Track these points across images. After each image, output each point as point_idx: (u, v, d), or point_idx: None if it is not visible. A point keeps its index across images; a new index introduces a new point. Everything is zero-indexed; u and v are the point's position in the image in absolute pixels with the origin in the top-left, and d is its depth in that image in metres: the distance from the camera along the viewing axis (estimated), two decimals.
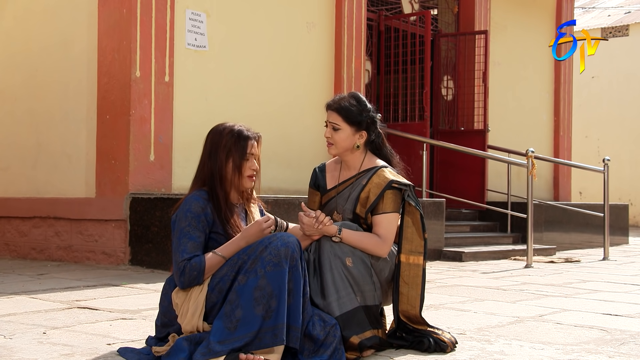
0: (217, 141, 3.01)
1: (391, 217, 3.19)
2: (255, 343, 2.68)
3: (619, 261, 8.28)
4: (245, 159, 2.98)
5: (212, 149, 3.01)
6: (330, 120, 3.28)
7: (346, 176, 3.32)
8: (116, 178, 6.39)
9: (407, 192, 3.21)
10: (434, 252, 7.76)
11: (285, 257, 2.74)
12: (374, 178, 3.23)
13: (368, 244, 3.12)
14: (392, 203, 3.19)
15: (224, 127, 3.05)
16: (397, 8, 9.75)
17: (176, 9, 6.67)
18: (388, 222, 3.18)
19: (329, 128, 3.29)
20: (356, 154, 3.31)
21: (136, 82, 6.35)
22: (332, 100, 3.33)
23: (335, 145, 3.28)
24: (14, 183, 7.33)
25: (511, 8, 11.33)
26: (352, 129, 3.26)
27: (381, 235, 3.16)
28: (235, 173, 2.97)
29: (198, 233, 2.87)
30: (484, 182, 9.82)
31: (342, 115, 3.25)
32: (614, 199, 13.24)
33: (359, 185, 3.24)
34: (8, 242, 7.26)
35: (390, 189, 3.19)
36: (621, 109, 17.29)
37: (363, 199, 3.22)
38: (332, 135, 3.27)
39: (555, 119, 12.21)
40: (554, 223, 9.84)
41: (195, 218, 2.89)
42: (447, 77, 10.46)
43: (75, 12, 6.85)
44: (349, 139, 3.26)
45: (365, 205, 3.21)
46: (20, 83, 7.36)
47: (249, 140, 3.00)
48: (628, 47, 17.26)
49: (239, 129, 3.02)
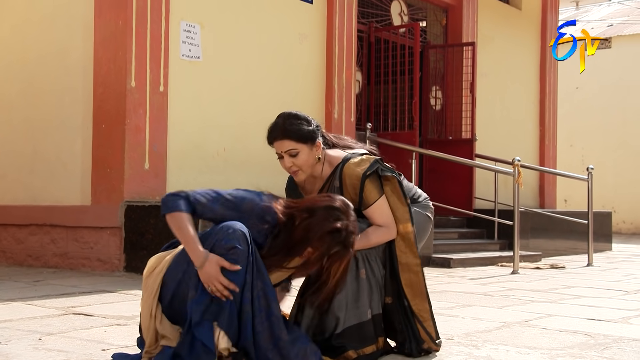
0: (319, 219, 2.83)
1: (380, 204, 3.11)
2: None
3: (603, 267, 8.31)
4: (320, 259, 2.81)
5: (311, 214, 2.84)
6: (285, 149, 3.07)
7: (319, 185, 3.21)
8: (111, 186, 6.37)
9: (379, 168, 3.13)
10: (423, 259, 7.70)
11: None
12: (345, 179, 3.12)
13: (378, 238, 3.09)
14: (372, 191, 3.10)
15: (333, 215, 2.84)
16: (387, 20, 9.77)
17: (171, 20, 6.67)
18: (380, 210, 3.10)
19: (286, 158, 3.08)
20: (318, 164, 3.16)
21: (131, 92, 6.34)
22: (274, 131, 3.11)
23: (302, 169, 3.11)
24: (11, 190, 7.30)
25: (498, 21, 11.37)
26: (308, 145, 3.08)
27: (382, 224, 3.10)
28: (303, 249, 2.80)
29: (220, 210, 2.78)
30: (471, 190, 9.84)
31: (294, 138, 3.05)
32: (598, 206, 13.28)
33: (335, 189, 3.15)
34: (4, 249, 7.22)
35: (364, 180, 3.09)
36: (604, 119, 17.37)
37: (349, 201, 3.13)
38: (294, 162, 3.08)
39: (541, 129, 12.25)
40: (540, 230, 9.86)
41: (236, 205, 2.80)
42: (436, 88, 10.48)
43: (71, 23, 6.84)
44: (310, 157, 3.09)
45: (354, 204, 3.10)
46: (17, 92, 7.33)
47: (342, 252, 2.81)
48: (611, 58, 17.35)
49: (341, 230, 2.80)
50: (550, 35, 12.39)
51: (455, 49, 10.35)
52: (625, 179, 17.01)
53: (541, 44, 12.32)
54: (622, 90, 17.21)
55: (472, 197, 9.81)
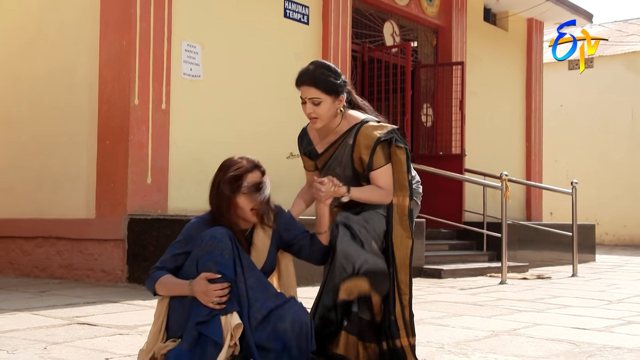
0: (215, 178, 2.93)
1: (385, 169, 3.11)
2: None
3: (587, 277, 8.30)
4: (242, 192, 2.85)
5: (212, 183, 2.93)
6: (310, 96, 3.05)
7: (332, 139, 3.19)
8: (115, 200, 6.36)
9: (394, 137, 3.12)
10: (415, 270, 7.72)
11: None
12: (359, 138, 3.11)
13: (374, 195, 3.09)
14: (382, 157, 3.10)
15: (221, 165, 2.95)
16: (380, 40, 9.81)
17: (173, 41, 6.69)
18: (384, 175, 3.10)
19: (308, 104, 3.06)
20: (337, 117, 3.14)
21: (135, 110, 6.35)
22: (303, 76, 3.08)
23: (321, 118, 3.09)
24: (19, 204, 7.27)
25: (485, 42, 11.42)
26: (332, 97, 3.06)
27: (382, 187, 3.10)
28: (229, 208, 2.86)
29: (180, 251, 2.87)
30: (461, 203, 9.84)
31: (321, 88, 3.04)
32: (582, 219, 13.28)
33: (347, 146, 3.14)
34: (12, 260, 7.19)
35: (378, 144, 3.09)
36: (588, 135, 17.43)
37: (356, 159, 3.14)
38: (315, 110, 3.06)
39: (527, 144, 12.28)
40: (527, 242, 9.87)
41: (187, 239, 2.89)
42: (427, 105, 10.50)
43: (78, 43, 6.85)
44: (331, 109, 3.08)
45: (361, 165, 3.13)
46: (25, 109, 7.33)
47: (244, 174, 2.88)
48: (593, 77, 17.43)
49: (229, 165, 2.92)
50: (536, 55, 12.46)
51: (445, 68, 10.38)
52: (607, 193, 17.04)
53: (527, 64, 12.38)
54: (604, 108, 17.28)
55: (462, 210, 9.81)
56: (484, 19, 11.51)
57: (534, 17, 12.16)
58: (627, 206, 16.89)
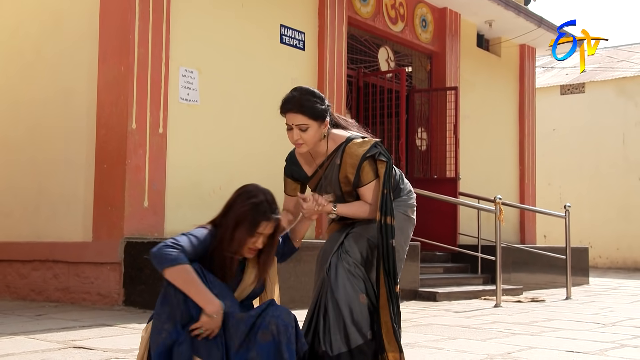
0: (237, 205, 2.84)
1: (372, 185, 3.13)
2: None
3: (581, 300, 8.27)
4: (251, 235, 2.81)
5: (230, 208, 2.86)
6: (296, 122, 3.08)
7: (320, 161, 3.22)
8: (112, 223, 6.33)
9: (378, 151, 3.14)
10: (410, 293, 7.71)
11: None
12: (346, 158, 3.14)
13: (361, 211, 3.13)
14: (369, 172, 3.13)
15: (250, 194, 2.86)
16: (375, 66, 9.85)
17: (170, 66, 6.70)
18: (371, 190, 3.13)
19: (295, 130, 3.09)
20: (322, 141, 3.16)
21: (132, 134, 6.34)
22: (289, 103, 3.12)
23: (307, 144, 3.11)
24: (16, 228, 7.23)
25: (479, 67, 11.48)
26: (318, 122, 3.09)
27: (370, 202, 3.13)
28: (239, 242, 2.79)
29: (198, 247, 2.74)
30: (456, 226, 9.82)
31: (307, 114, 3.07)
32: (575, 242, 13.27)
33: (335, 166, 3.17)
34: (9, 284, 7.14)
35: (364, 161, 3.12)
36: (580, 159, 17.47)
37: (343, 178, 3.16)
38: (302, 136, 3.08)
39: (521, 168, 12.30)
40: (521, 264, 9.84)
41: (203, 242, 2.77)
42: (421, 129, 10.53)
43: (76, 68, 6.86)
44: (317, 134, 3.11)
45: (348, 183, 3.16)
46: (24, 133, 7.32)
47: (263, 221, 2.81)
48: (584, 102, 17.52)
49: (259, 204, 2.82)
50: (528, 80, 12.52)
51: (439, 93, 10.42)
52: (600, 216, 17.05)
53: (520, 89, 12.43)
54: (595, 132, 17.34)
55: (457, 233, 9.79)
56: (477, 45, 11.58)
57: (526, 43, 12.24)
58: (620, 229, 16.89)
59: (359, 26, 9.39)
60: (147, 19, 6.48)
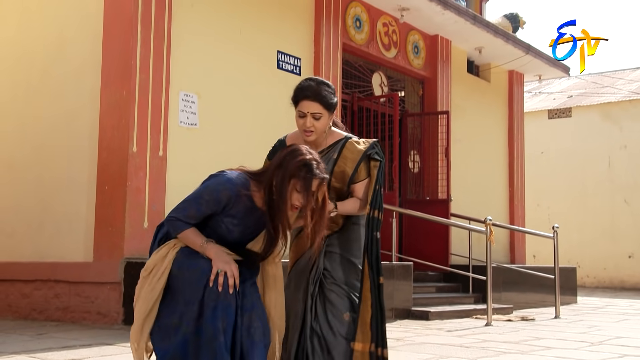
0: (287, 161, 2.82)
1: (365, 183, 3.20)
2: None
3: (569, 319, 8.25)
4: (301, 192, 2.80)
5: (278, 165, 2.84)
6: (312, 110, 3.10)
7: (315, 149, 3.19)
8: (112, 243, 6.30)
9: (375, 150, 3.21)
10: (403, 312, 7.69)
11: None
12: (345, 152, 3.19)
13: (355, 207, 3.18)
14: (365, 170, 3.19)
15: (300, 152, 2.85)
16: (369, 91, 9.89)
17: (171, 91, 6.72)
18: (364, 188, 3.19)
19: (309, 118, 3.11)
20: (325, 132, 3.21)
21: (133, 156, 6.34)
22: (307, 90, 3.14)
23: (316, 132, 3.14)
24: (19, 248, 7.20)
25: (469, 92, 11.54)
26: (330, 113, 3.15)
27: (361, 198, 3.18)
28: (287, 197, 2.79)
29: (206, 211, 2.83)
30: (447, 246, 9.82)
31: (323, 104, 3.11)
32: (564, 261, 13.28)
33: (331, 159, 3.18)
34: (11, 303, 7.09)
35: (364, 159, 3.18)
36: (567, 181, 17.52)
37: (338, 172, 3.18)
38: (314, 124, 3.12)
39: (510, 190, 12.32)
40: (511, 284, 9.83)
41: (215, 201, 2.83)
42: (414, 152, 10.56)
43: (80, 93, 6.87)
44: (326, 124, 3.17)
45: (341, 178, 3.18)
46: (28, 155, 7.31)
47: (314, 179, 2.80)
48: (571, 126, 17.61)
49: (310, 162, 2.81)
50: (517, 105, 12.59)
51: (431, 117, 10.46)
52: (587, 236, 17.06)
53: (509, 113, 12.50)
54: (582, 155, 17.41)
55: (449, 254, 9.78)
56: (468, 71, 11.66)
57: (515, 69, 12.32)
58: (606, 249, 16.90)
59: (354, 52, 9.45)
60: (148, 45, 6.51)
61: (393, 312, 7.60)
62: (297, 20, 8.33)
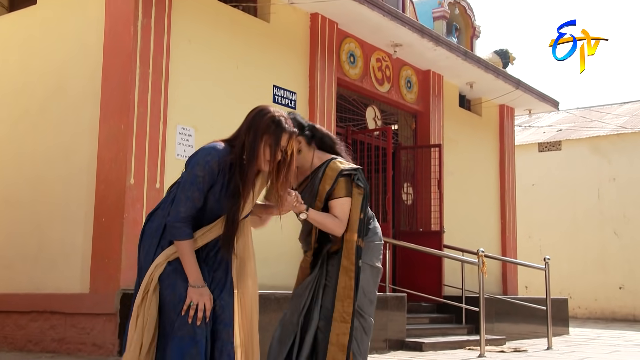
0: (257, 120, 2.93)
1: (344, 201, 3.27)
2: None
3: (562, 350, 8.15)
4: (271, 147, 2.89)
5: (248, 125, 2.94)
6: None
7: (304, 176, 3.41)
8: (108, 275, 6.22)
9: (357, 176, 3.32)
10: (396, 343, 7.58)
11: None
12: (327, 171, 3.33)
13: (328, 222, 3.25)
14: (343, 189, 3.29)
15: (267, 110, 2.96)
16: (363, 124, 9.90)
17: (168, 124, 6.70)
18: (341, 205, 3.27)
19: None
20: (307, 158, 3.41)
21: (130, 189, 6.29)
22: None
23: (301, 168, 3.38)
24: (15, 280, 7.09)
25: (461, 126, 11.56)
26: (308, 145, 3.40)
27: (337, 216, 3.25)
28: (259, 154, 2.87)
29: (207, 187, 2.83)
30: (441, 278, 9.74)
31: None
32: (555, 292, 13.17)
33: (317, 179, 3.33)
34: (7, 335, 6.96)
35: (341, 176, 3.29)
36: (558, 213, 17.48)
37: (321, 191, 3.30)
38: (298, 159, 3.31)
39: (502, 222, 12.28)
40: (504, 315, 9.73)
41: (210, 173, 2.83)
42: (407, 184, 10.53)
43: (79, 126, 6.84)
44: (308, 153, 3.40)
45: (322, 198, 3.29)
46: (26, 188, 7.24)
47: (283, 133, 2.90)
48: (561, 160, 17.63)
49: (279, 118, 2.93)
50: (508, 138, 12.61)
51: (424, 150, 10.46)
52: (578, 267, 16.98)
53: (500, 146, 12.51)
54: (572, 188, 17.41)
55: (442, 285, 9.70)
56: (459, 105, 11.69)
57: (505, 103, 12.37)
58: (597, 280, 16.81)
59: (348, 87, 9.47)
60: (147, 80, 6.50)
61: (387, 343, 7.50)
62: (293, 55, 8.36)
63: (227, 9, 7.58)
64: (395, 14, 8.92)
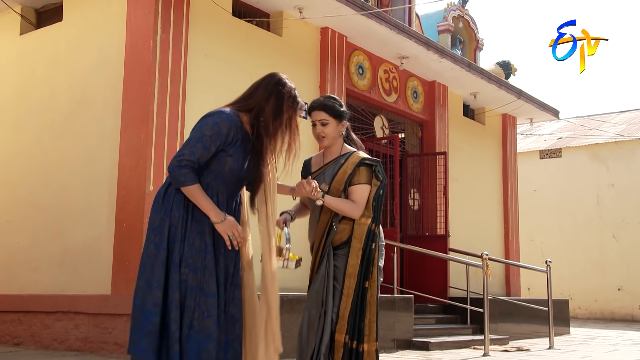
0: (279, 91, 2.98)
1: (363, 187, 3.32)
2: None
3: (563, 349, 8.10)
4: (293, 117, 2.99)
5: (271, 93, 2.98)
6: (319, 118, 3.42)
7: (329, 159, 3.48)
8: (129, 277, 6.24)
9: (377, 167, 3.37)
10: (404, 342, 7.57)
11: None
12: (350, 159, 3.39)
13: (344, 206, 3.29)
14: (363, 176, 3.33)
15: (288, 83, 3.03)
16: (371, 133, 9.91)
17: (185, 134, 6.73)
18: (360, 191, 3.31)
19: (318, 126, 3.43)
20: (338, 142, 3.46)
21: (150, 195, 6.32)
22: (314, 103, 3.47)
23: (327, 137, 3.42)
24: (42, 282, 7.15)
25: (465, 134, 11.55)
26: (336, 121, 3.43)
27: (355, 201, 3.29)
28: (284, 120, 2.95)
29: (212, 147, 2.83)
30: (446, 280, 9.71)
31: (328, 112, 3.42)
32: (557, 294, 13.11)
33: (338, 164, 3.39)
34: (34, 333, 7.01)
35: (362, 165, 3.34)
36: (559, 218, 17.40)
37: (340, 174, 3.35)
38: (323, 130, 3.41)
39: (505, 226, 12.23)
40: (507, 315, 9.69)
41: (218, 134, 2.86)
42: (414, 190, 10.52)
43: (101, 136, 6.89)
44: (335, 130, 3.43)
45: (341, 181, 3.33)
46: (51, 195, 7.30)
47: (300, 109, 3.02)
48: (561, 166, 17.55)
49: (296, 93, 3.03)
50: (510, 146, 12.57)
51: (430, 158, 10.45)
52: (578, 270, 16.88)
53: (502, 153, 12.48)
54: (572, 193, 17.32)
55: (447, 287, 9.68)
56: (464, 114, 11.68)
57: (508, 112, 12.34)
58: (597, 282, 16.70)
59: (357, 97, 9.48)
60: (165, 92, 6.55)
61: (395, 343, 7.48)
62: (304, 67, 8.38)
63: (241, 24, 7.62)
64: (402, 28, 8.93)
